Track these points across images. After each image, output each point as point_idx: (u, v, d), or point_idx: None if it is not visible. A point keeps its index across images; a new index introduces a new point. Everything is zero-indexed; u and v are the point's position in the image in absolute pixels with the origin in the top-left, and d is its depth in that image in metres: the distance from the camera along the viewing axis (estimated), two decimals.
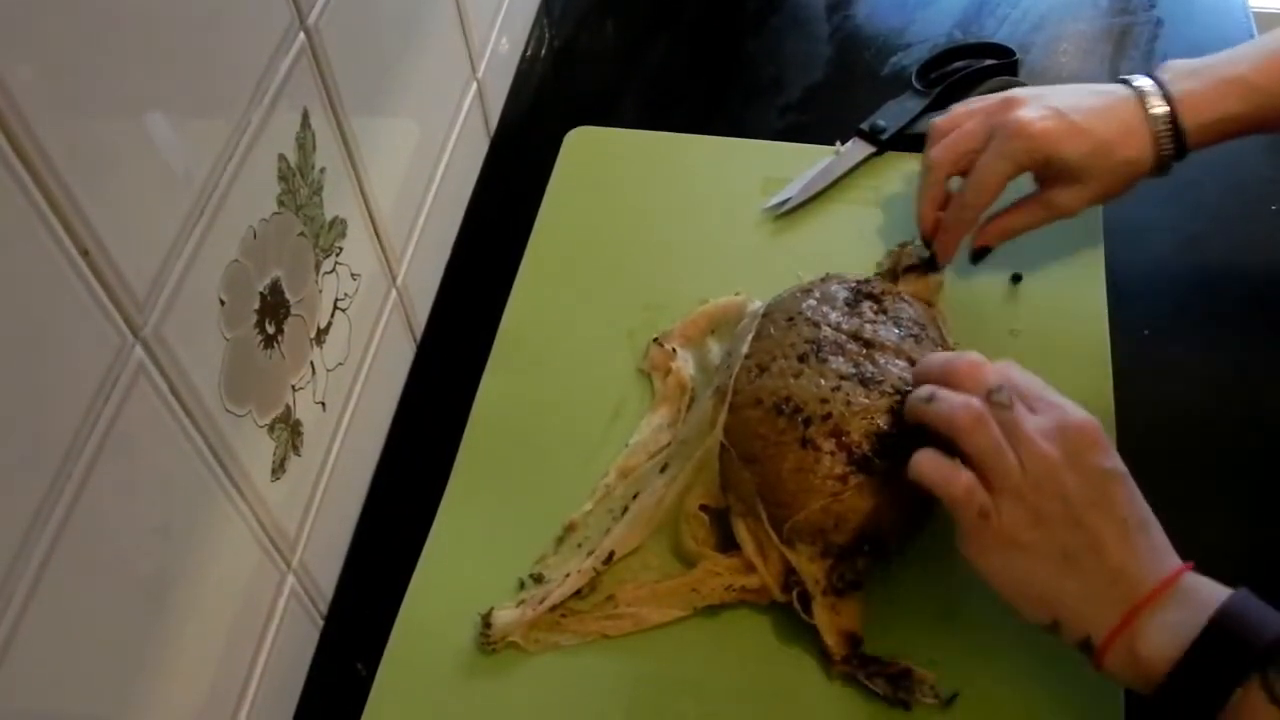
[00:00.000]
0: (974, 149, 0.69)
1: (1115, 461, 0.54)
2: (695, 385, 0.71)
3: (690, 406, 0.70)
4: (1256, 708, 0.47)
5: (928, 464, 0.55)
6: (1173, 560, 0.53)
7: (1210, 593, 0.51)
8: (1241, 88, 0.67)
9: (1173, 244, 0.77)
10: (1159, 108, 0.67)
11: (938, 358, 0.59)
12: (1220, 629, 0.49)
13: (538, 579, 0.64)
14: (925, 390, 0.57)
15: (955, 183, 0.71)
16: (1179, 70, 0.68)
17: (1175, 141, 0.67)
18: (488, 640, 0.62)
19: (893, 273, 0.74)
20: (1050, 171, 0.68)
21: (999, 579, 0.54)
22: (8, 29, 0.37)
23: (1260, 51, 0.67)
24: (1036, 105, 0.68)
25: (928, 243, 0.73)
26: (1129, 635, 0.51)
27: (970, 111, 0.71)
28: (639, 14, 0.99)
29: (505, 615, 0.62)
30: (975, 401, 0.55)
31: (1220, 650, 0.49)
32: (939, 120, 0.72)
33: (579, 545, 0.65)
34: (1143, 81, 0.68)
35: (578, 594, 0.62)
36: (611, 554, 0.63)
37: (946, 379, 0.57)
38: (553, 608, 0.62)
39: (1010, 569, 0.54)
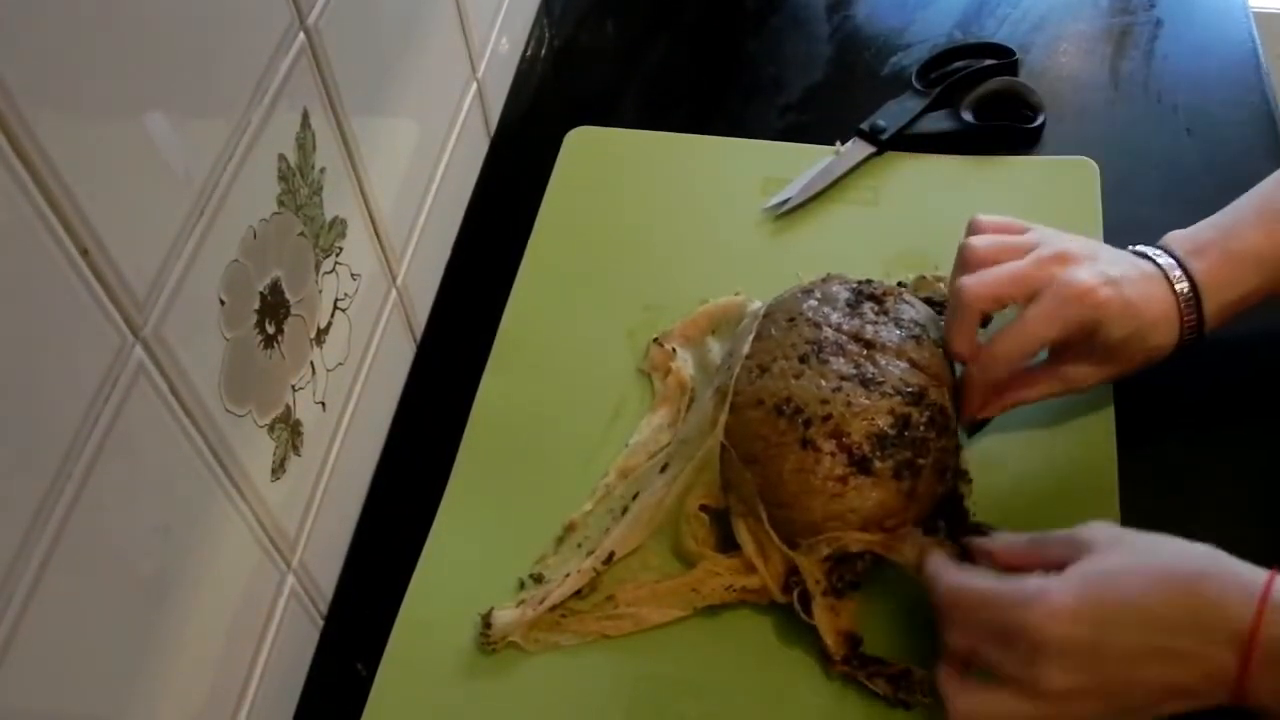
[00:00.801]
0: (1015, 295, 0.63)
1: (1104, 613, 0.50)
2: (695, 385, 0.71)
3: (690, 406, 0.70)
4: None
5: (963, 706, 0.54)
6: (1235, 615, 0.48)
7: None
8: (1256, 262, 0.63)
9: None
10: (1183, 287, 0.62)
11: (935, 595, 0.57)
12: None
13: (538, 579, 0.64)
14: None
15: None
16: (1186, 246, 0.64)
17: (1197, 325, 0.63)
18: (487, 640, 0.62)
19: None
20: (1083, 346, 0.63)
21: None
22: (8, 29, 0.37)
23: (1263, 216, 0.63)
24: (1092, 268, 0.62)
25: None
26: (1241, 700, 0.48)
27: (1016, 247, 0.64)
28: (639, 14, 0.99)
29: (505, 615, 0.62)
30: (962, 703, 0.54)
31: None
32: (977, 245, 0.65)
33: (579, 545, 0.65)
34: (1164, 260, 0.63)
35: (577, 594, 0.62)
36: (611, 554, 0.63)
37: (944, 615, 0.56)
38: (552, 608, 0.62)
39: None
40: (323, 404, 0.63)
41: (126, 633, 0.48)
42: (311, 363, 0.62)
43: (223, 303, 0.52)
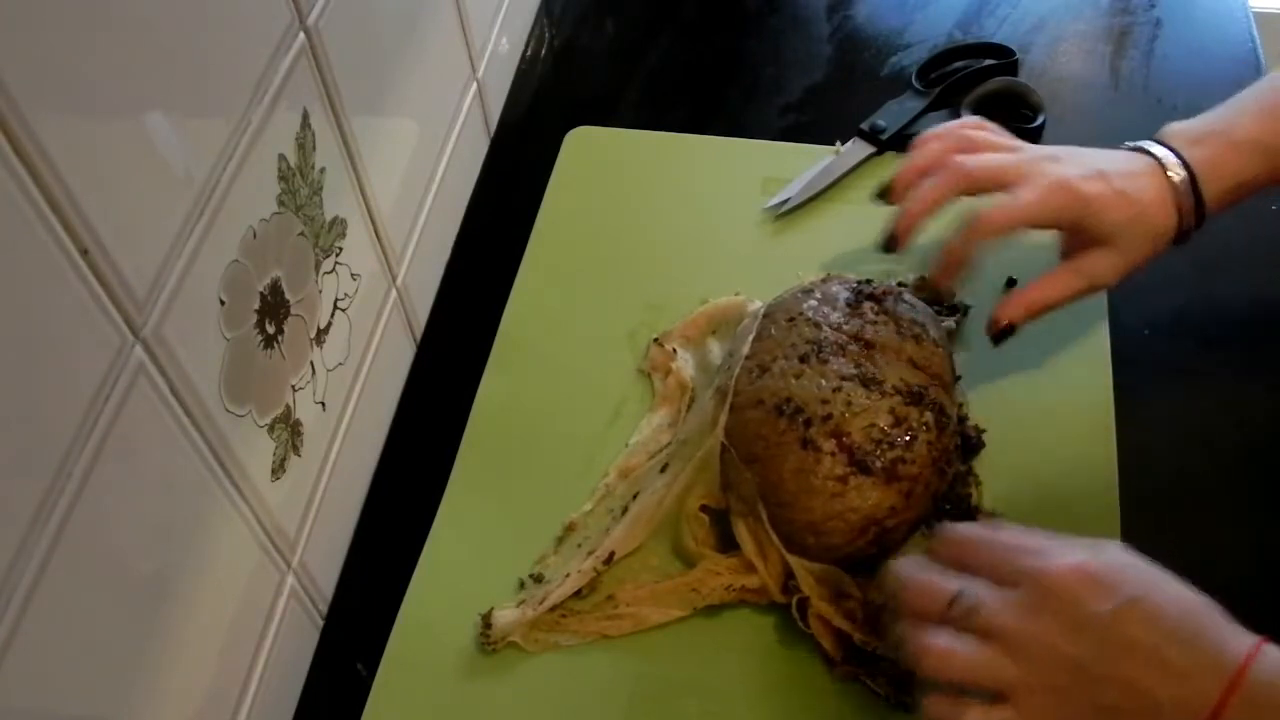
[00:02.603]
0: (1005, 179, 0.65)
1: (1118, 594, 0.49)
2: (695, 385, 0.71)
3: (690, 406, 0.70)
4: None
5: (934, 710, 0.51)
6: (1230, 654, 0.47)
7: None
8: (1254, 150, 0.65)
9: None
10: (1179, 175, 0.64)
11: (890, 587, 0.55)
12: None
13: (538, 579, 0.64)
14: (893, 639, 0.54)
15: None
16: (1184, 136, 0.66)
17: (1196, 210, 0.64)
18: (488, 640, 0.62)
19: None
20: (1081, 238, 0.65)
21: None
22: (8, 29, 0.37)
23: (1263, 107, 0.65)
24: (1078, 164, 0.65)
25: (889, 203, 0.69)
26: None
27: (1007, 145, 0.67)
28: (639, 14, 0.99)
29: (505, 615, 0.62)
30: (928, 639, 0.51)
31: None
32: (973, 133, 0.68)
33: (579, 545, 0.65)
34: (1159, 150, 0.65)
35: (577, 594, 0.62)
36: (612, 554, 0.63)
37: (906, 606, 0.53)
38: (553, 608, 0.62)
39: None
40: (323, 404, 0.63)
41: (126, 632, 0.48)
42: (311, 363, 0.62)
43: (223, 303, 0.52)
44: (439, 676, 0.62)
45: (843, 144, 0.84)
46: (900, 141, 0.84)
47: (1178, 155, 0.65)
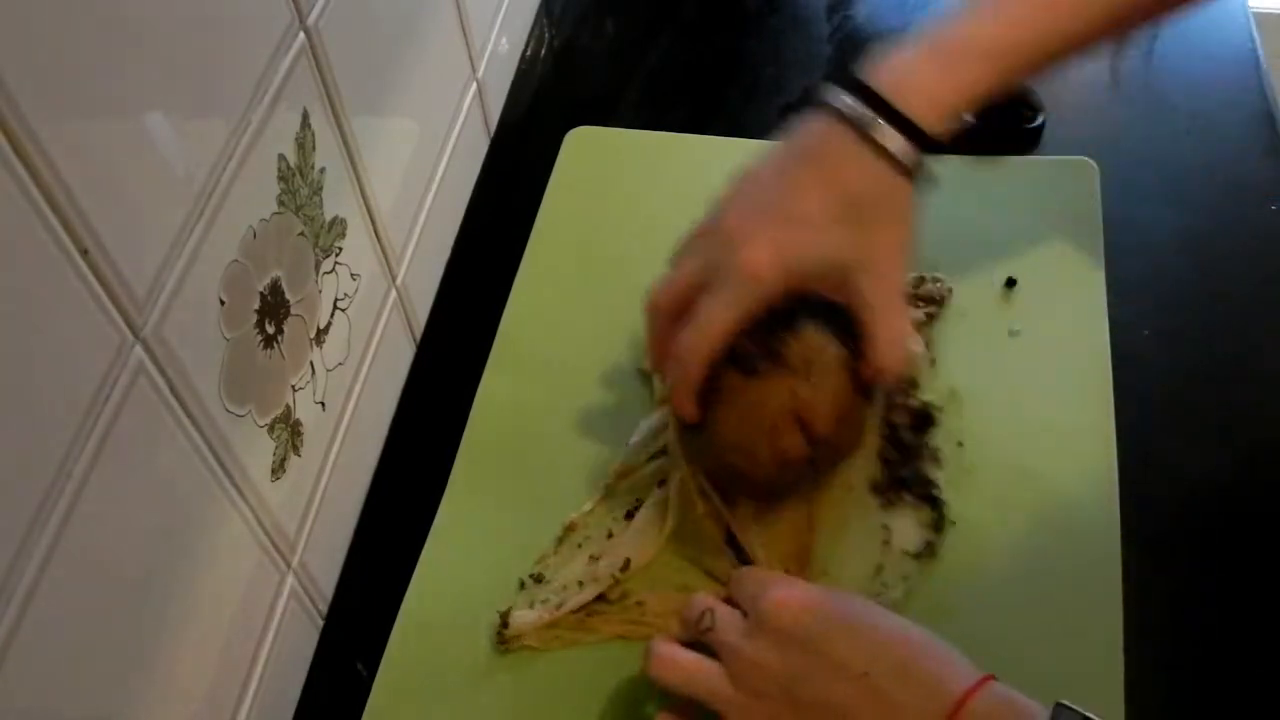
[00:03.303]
0: (694, 287, 0.59)
1: (832, 618, 0.49)
2: None
3: None
4: None
5: (656, 672, 0.52)
6: (949, 689, 0.47)
7: None
8: (985, 64, 0.56)
9: (1173, 244, 0.77)
10: (896, 142, 0.56)
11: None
12: None
13: (537, 579, 0.64)
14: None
15: None
16: (889, 76, 0.57)
17: (919, 148, 0.57)
18: (503, 639, 0.62)
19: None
20: (829, 286, 0.58)
21: None
22: (8, 29, 0.37)
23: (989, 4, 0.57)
24: (757, 238, 0.57)
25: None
26: None
27: (691, 248, 0.62)
28: (639, 14, 0.99)
29: (523, 616, 0.62)
30: (659, 645, 0.53)
31: None
32: (667, 293, 0.62)
33: (579, 545, 0.65)
34: (848, 104, 0.56)
35: (601, 598, 0.62)
36: (628, 561, 0.63)
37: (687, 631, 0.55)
38: (574, 610, 0.62)
39: None
40: (323, 404, 0.63)
41: (126, 632, 0.48)
42: (311, 363, 0.62)
43: (223, 303, 0.52)
44: (440, 676, 0.62)
45: None
46: None
47: (876, 102, 0.56)
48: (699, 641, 0.54)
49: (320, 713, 0.63)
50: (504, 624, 0.62)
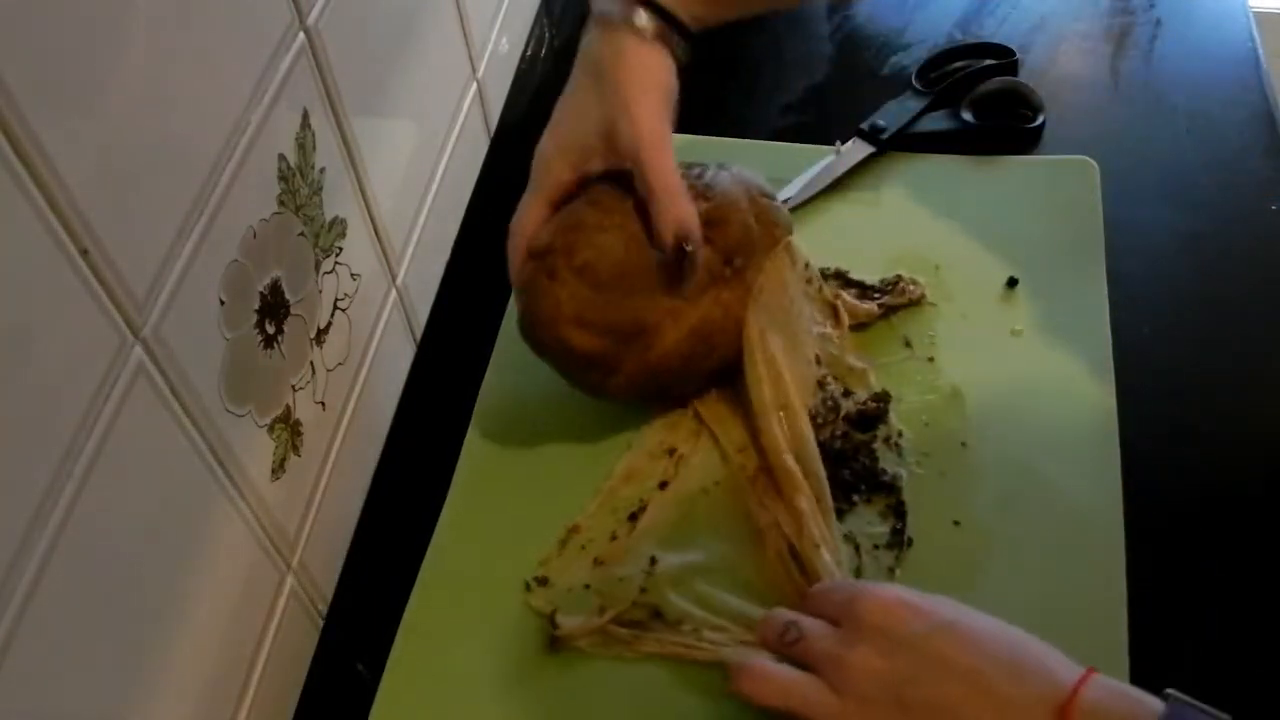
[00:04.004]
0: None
1: (933, 617, 0.49)
2: None
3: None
4: None
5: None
6: (1058, 683, 0.46)
7: (1129, 714, 0.45)
8: None
9: (1173, 244, 0.77)
10: (645, 21, 0.63)
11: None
12: None
13: (542, 581, 0.64)
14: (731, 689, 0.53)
15: None
16: None
17: (675, 29, 0.64)
18: (554, 641, 0.61)
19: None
20: (606, 160, 0.64)
21: None
22: (8, 29, 0.37)
23: None
24: (544, 139, 0.67)
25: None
26: None
27: None
28: None
29: (571, 621, 0.62)
30: (755, 664, 0.52)
31: None
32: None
33: (582, 548, 0.65)
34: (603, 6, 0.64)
35: (659, 615, 0.61)
36: (654, 559, 0.63)
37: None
38: (627, 624, 0.61)
39: None
40: (323, 404, 0.63)
41: (126, 632, 0.48)
42: (311, 363, 0.62)
43: (223, 303, 0.52)
44: (443, 680, 0.62)
45: (843, 144, 0.84)
46: (900, 141, 0.84)
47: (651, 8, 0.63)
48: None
49: (320, 713, 0.63)
50: (553, 624, 0.62)
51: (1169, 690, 0.46)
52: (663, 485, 0.67)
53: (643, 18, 0.63)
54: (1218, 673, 0.59)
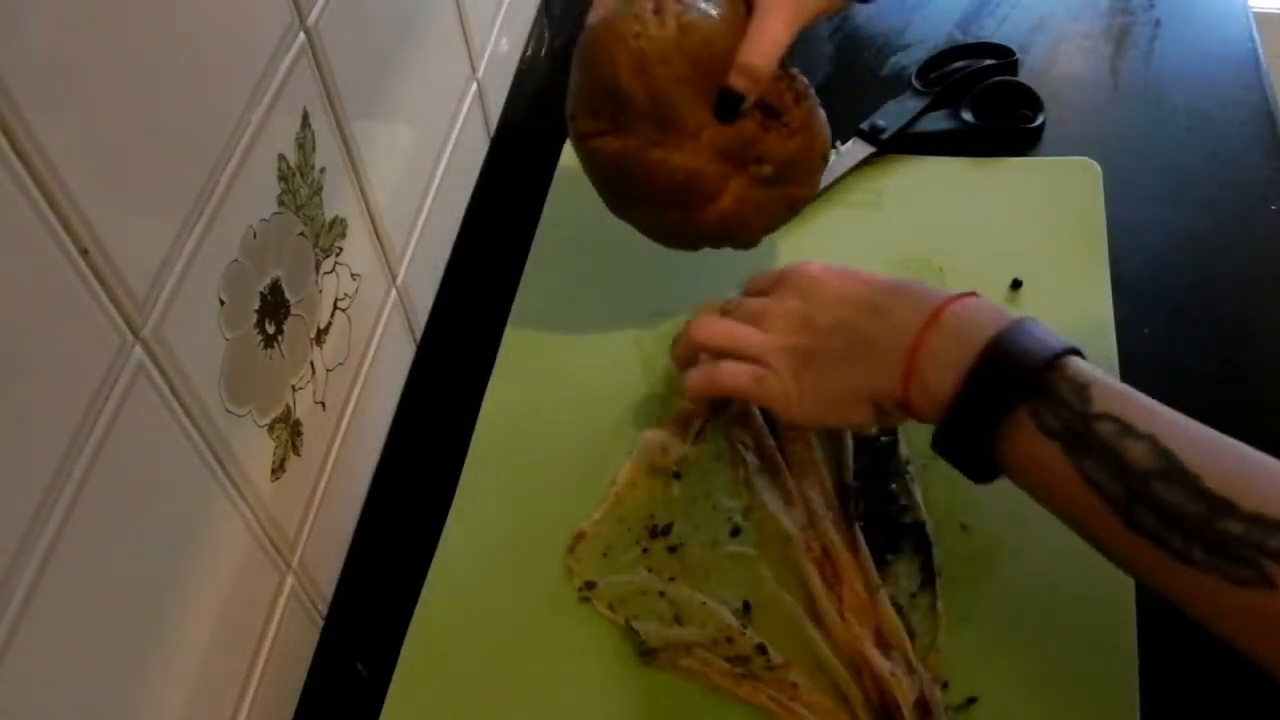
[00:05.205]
0: None
1: (844, 271, 0.60)
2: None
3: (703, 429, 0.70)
4: (1028, 438, 0.49)
5: (695, 380, 0.62)
6: (932, 301, 0.55)
7: (987, 320, 0.53)
8: None
9: (1173, 244, 0.77)
10: None
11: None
12: (991, 360, 0.51)
13: (590, 585, 0.64)
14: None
15: None
16: None
17: None
18: (645, 653, 0.61)
19: None
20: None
21: (818, 413, 0.59)
22: (8, 29, 0.37)
23: None
24: None
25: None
26: (918, 380, 0.53)
27: None
28: None
29: (649, 628, 0.61)
30: (701, 315, 0.63)
31: (990, 382, 0.51)
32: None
33: (604, 555, 0.65)
34: None
35: (764, 655, 0.60)
36: (747, 603, 0.62)
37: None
38: (733, 659, 0.60)
39: (816, 398, 0.58)
40: (323, 404, 0.63)
41: (126, 632, 0.48)
42: (311, 363, 0.62)
43: (223, 303, 0.52)
44: (453, 688, 0.61)
45: (842, 144, 0.84)
46: (900, 141, 0.84)
47: None
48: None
49: (320, 713, 0.63)
50: (640, 637, 0.61)
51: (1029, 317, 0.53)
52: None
53: None
54: (1226, 669, 0.59)
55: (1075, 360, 0.51)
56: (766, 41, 0.62)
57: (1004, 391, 0.50)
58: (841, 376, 0.57)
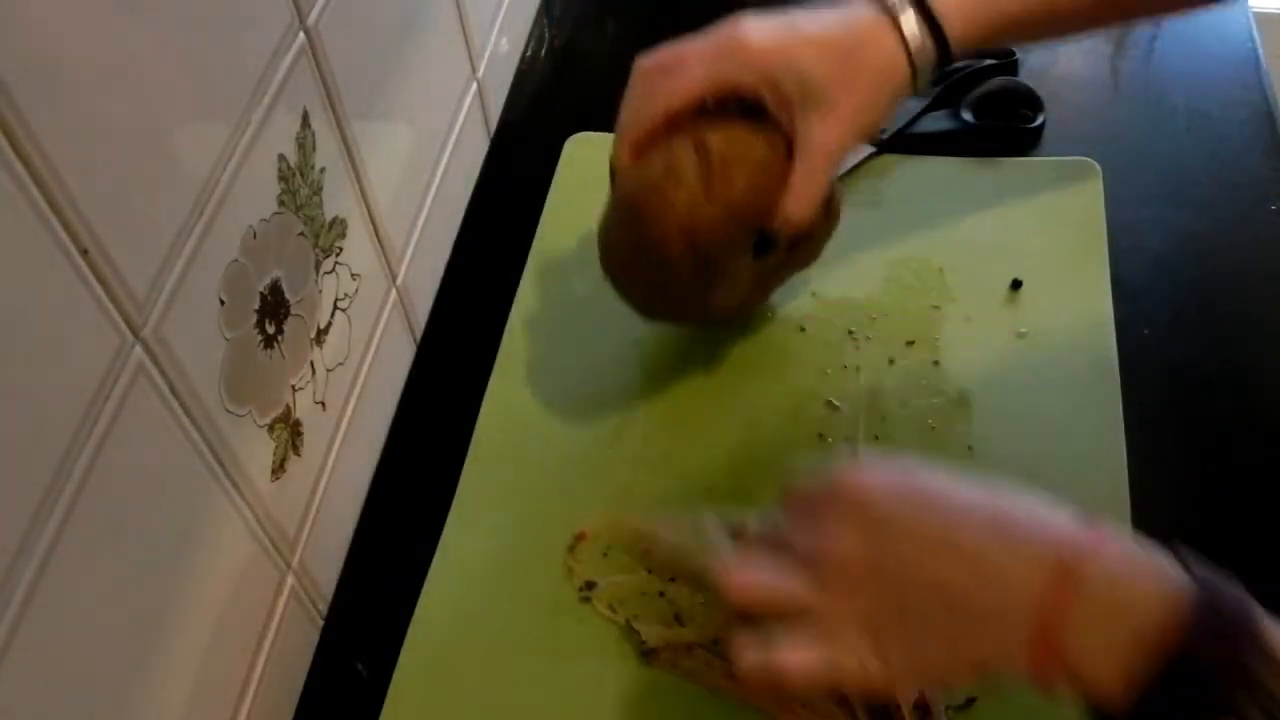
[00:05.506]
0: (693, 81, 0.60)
1: (909, 487, 0.46)
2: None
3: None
4: None
5: (749, 664, 0.48)
6: (1061, 546, 0.42)
7: (1147, 589, 0.41)
8: None
9: (1173, 244, 0.77)
10: (911, 29, 0.58)
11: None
12: (1179, 668, 0.39)
13: (590, 586, 0.64)
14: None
15: None
16: None
17: (937, 48, 0.58)
18: (646, 653, 0.61)
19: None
20: (785, 96, 0.59)
21: (911, 683, 0.47)
22: (8, 30, 0.37)
23: None
24: (760, 23, 0.59)
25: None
26: (1060, 660, 0.41)
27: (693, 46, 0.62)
28: (639, 14, 0.99)
29: (651, 630, 0.61)
30: (730, 568, 0.49)
31: (1180, 693, 0.39)
32: (661, 54, 0.63)
33: (604, 555, 0.65)
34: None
35: None
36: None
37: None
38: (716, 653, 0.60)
39: (908, 669, 0.45)
40: (323, 404, 0.63)
41: (126, 632, 0.48)
42: (311, 363, 0.62)
43: (223, 303, 0.52)
44: (453, 688, 0.61)
45: None
46: (900, 141, 0.84)
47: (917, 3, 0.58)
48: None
49: (320, 713, 0.63)
50: (640, 637, 0.61)
51: (1178, 547, 0.42)
52: None
53: (919, 40, 0.58)
54: None
55: (1269, 630, 0.40)
56: (810, 191, 0.61)
57: (1201, 705, 0.39)
58: (938, 647, 0.44)
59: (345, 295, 0.65)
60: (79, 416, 0.43)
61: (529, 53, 0.97)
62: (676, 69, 0.60)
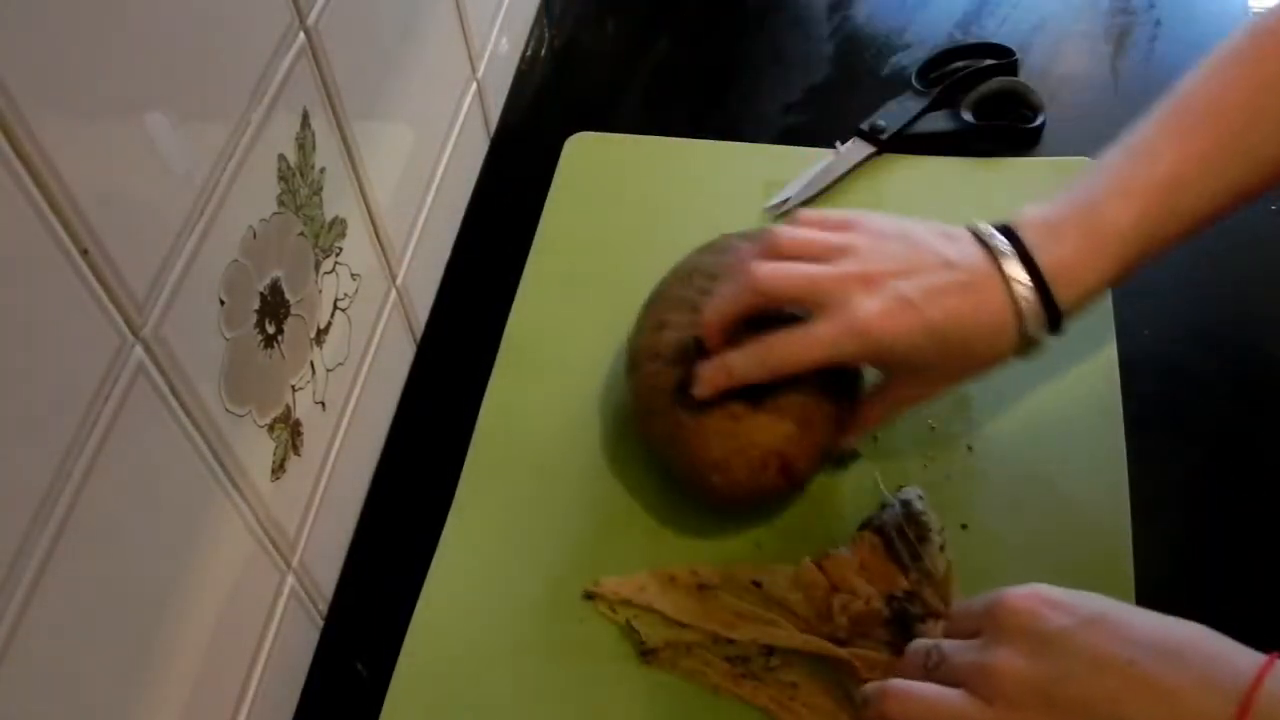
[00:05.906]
0: (802, 300, 0.58)
1: (1079, 610, 0.45)
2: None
3: None
4: None
5: None
6: (1234, 670, 0.42)
7: None
8: (1120, 244, 0.56)
9: None
10: (1022, 283, 0.56)
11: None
12: None
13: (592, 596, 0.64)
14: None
15: None
16: (1040, 226, 0.57)
17: (1048, 321, 0.56)
18: (644, 651, 0.61)
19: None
20: (888, 367, 0.61)
21: None
22: (8, 29, 0.37)
23: (1129, 182, 0.56)
24: (889, 294, 0.56)
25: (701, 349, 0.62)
26: None
27: (825, 244, 0.60)
28: (639, 14, 0.99)
29: (651, 629, 0.61)
30: (896, 685, 0.48)
31: None
32: (785, 233, 0.61)
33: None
34: (1001, 244, 0.57)
35: (765, 655, 0.60)
36: (771, 649, 0.60)
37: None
38: (732, 660, 0.60)
39: None
40: (323, 404, 0.63)
41: (125, 632, 0.48)
42: (311, 363, 0.62)
43: (223, 303, 0.52)
44: (453, 688, 0.61)
45: (842, 144, 0.84)
46: (900, 141, 0.84)
47: (1026, 258, 0.56)
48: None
49: (320, 713, 0.63)
50: (640, 637, 0.61)
51: None
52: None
53: (1036, 325, 0.56)
54: None
55: None
56: (870, 425, 0.64)
57: None
58: None
59: (345, 295, 0.65)
60: (79, 416, 0.43)
61: (529, 53, 0.97)
62: (801, 337, 0.58)
